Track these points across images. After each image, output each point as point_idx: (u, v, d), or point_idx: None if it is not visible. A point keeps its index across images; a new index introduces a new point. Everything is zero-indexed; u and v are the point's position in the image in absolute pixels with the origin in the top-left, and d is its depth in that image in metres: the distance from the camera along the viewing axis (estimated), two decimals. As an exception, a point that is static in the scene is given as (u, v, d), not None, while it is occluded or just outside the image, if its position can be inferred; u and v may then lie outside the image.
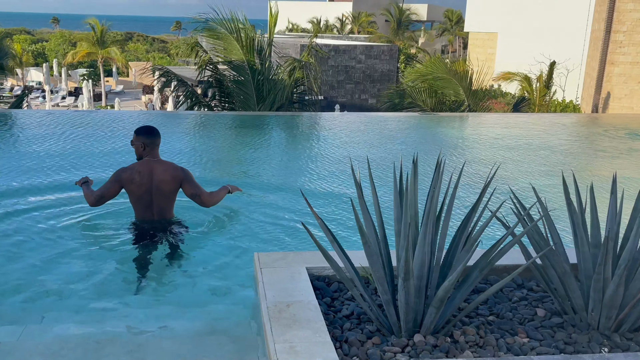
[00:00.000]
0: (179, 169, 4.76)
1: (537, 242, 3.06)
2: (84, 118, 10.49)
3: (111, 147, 8.09)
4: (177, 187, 4.75)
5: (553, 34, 26.02)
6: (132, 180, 4.63)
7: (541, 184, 6.78)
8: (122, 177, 4.67)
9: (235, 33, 13.00)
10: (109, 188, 4.68)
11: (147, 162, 4.69)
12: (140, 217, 4.79)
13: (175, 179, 4.70)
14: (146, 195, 4.68)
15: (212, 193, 4.84)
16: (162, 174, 4.67)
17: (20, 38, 59.20)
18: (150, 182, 4.65)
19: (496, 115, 13.91)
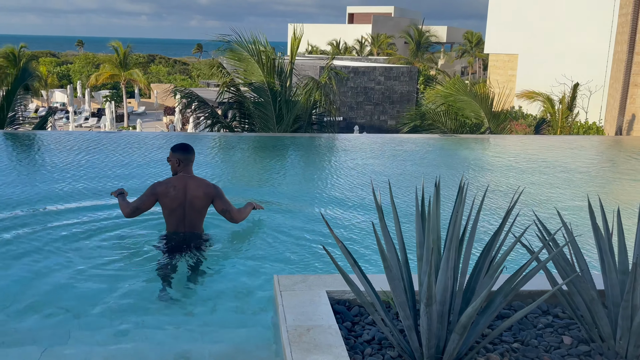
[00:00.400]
0: (211, 185, 4.99)
1: (563, 268, 2.99)
2: (106, 139, 10.62)
3: (130, 166, 8.17)
4: (208, 202, 4.94)
5: (575, 56, 25.88)
6: (167, 193, 4.84)
7: (566, 208, 6.67)
8: (158, 190, 4.88)
9: (257, 55, 13.11)
10: (145, 200, 4.90)
11: (182, 177, 4.92)
12: (172, 230, 4.94)
13: (208, 195, 4.91)
14: (179, 209, 4.87)
15: (240, 209, 5.09)
16: (195, 190, 4.87)
17: (46, 60, 60.44)
18: (184, 197, 4.85)
19: (518, 137, 13.80)
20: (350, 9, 68.54)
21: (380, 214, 2.94)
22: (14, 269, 4.50)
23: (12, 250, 4.86)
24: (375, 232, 2.86)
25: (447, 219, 2.90)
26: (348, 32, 60.70)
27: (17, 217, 5.75)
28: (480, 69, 58.90)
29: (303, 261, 4.85)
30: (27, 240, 5.11)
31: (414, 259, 2.96)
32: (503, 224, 2.91)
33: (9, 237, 5.16)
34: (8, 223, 5.56)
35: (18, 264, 4.59)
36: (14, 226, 5.46)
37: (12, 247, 4.95)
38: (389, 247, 2.92)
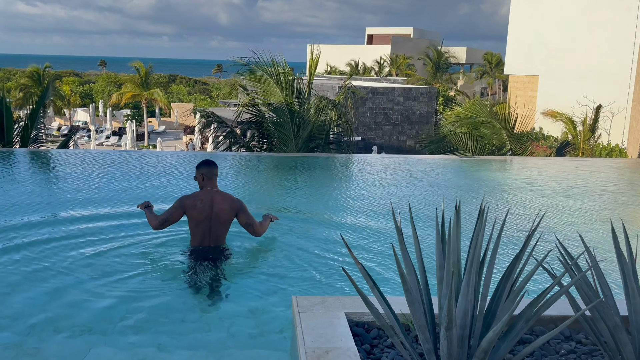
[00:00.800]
0: (236, 199, 5.22)
1: (586, 293, 2.94)
2: (127, 157, 10.74)
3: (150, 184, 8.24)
4: (233, 215, 5.16)
5: (596, 77, 25.72)
6: (194, 206, 5.04)
7: (588, 232, 6.58)
8: (186, 203, 5.08)
9: (275, 76, 13.23)
10: (173, 213, 5.09)
11: (208, 191, 5.14)
12: (197, 244, 5.13)
13: (233, 208, 5.14)
14: (206, 222, 5.06)
15: (261, 223, 5.33)
16: (221, 203, 5.09)
17: (69, 80, 61.55)
18: (211, 210, 5.05)
19: (540, 159, 13.70)
20: (370, 30, 68.95)
21: (400, 236, 2.93)
22: (36, 286, 4.54)
23: (34, 268, 4.91)
24: (395, 254, 2.84)
25: (467, 242, 2.88)
26: (367, 53, 61.01)
27: (39, 233, 5.82)
28: (500, 90, 58.73)
29: (322, 281, 4.83)
30: (48, 257, 5.16)
31: (434, 282, 2.93)
32: (524, 247, 2.87)
33: (30, 255, 5.21)
34: (31, 239, 5.62)
35: (40, 281, 4.63)
36: (37, 242, 5.52)
37: (34, 264, 5.00)
38: (409, 269, 2.90)
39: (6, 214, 6.52)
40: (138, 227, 6.00)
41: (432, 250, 2.93)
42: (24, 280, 4.63)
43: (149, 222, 5.17)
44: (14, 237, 5.70)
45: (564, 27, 27.82)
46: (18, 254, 5.22)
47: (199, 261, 4.98)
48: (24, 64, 67.05)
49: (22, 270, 4.84)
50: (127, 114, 43.98)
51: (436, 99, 31.18)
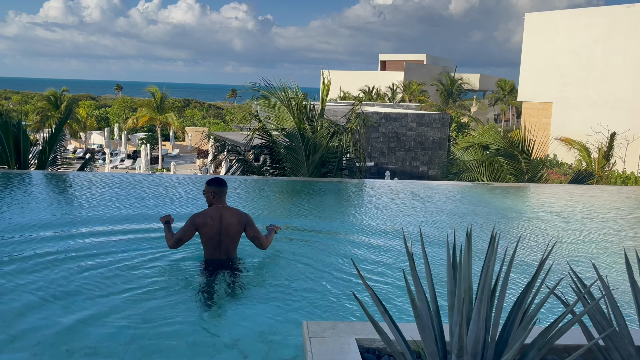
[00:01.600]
0: (243, 214, 5.52)
1: (599, 322, 2.91)
2: (142, 180, 10.83)
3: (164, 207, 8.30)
4: (241, 229, 5.46)
5: (611, 104, 25.69)
6: (205, 223, 5.36)
7: (602, 260, 6.52)
8: (197, 221, 5.39)
9: (287, 101, 13.38)
10: (186, 231, 5.38)
11: (217, 207, 5.45)
12: (209, 256, 5.46)
13: (241, 222, 5.44)
14: (216, 237, 5.38)
15: (267, 236, 5.64)
16: (230, 218, 5.40)
17: (86, 104, 62.44)
18: (220, 225, 5.38)
19: (554, 187, 13.62)
20: (383, 56, 69.48)
21: (411, 262, 2.92)
22: (48, 304, 4.56)
23: (45, 286, 4.94)
24: (406, 280, 2.83)
25: (479, 267, 2.87)
26: (380, 79, 61.40)
27: (51, 251, 5.86)
28: (514, 117, 58.72)
29: (333, 306, 4.81)
30: (60, 274, 5.19)
31: (445, 308, 2.92)
32: (536, 274, 2.86)
33: (52, 274, 5.25)
34: (44, 257, 5.67)
35: (56, 301, 4.66)
36: (48, 260, 5.56)
37: (53, 283, 5.03)
38: (420, 295, 2.89)
39: (20, 232, 6.59)
40: (152, 242, 6.27)
41: (444, 277, 2.91)
42: (35, 299, 4.66)
43: (166, 241, 5.43)
44: (27, 254, 5.75)
45: (578, 54, 27.89)
46: (29, 274, 5.26)
47: (211, 272, 5.32)
48: (41, 87, 68.20)
49: (32, 287, 4.88)
50: (141, 138, 44.43)
51: (449, 125, 31.22)
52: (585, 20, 27.81)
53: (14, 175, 10.51)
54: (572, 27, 28.24)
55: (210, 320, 4.46)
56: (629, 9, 25.81)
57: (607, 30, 26.59)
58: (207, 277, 5.26)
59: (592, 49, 27.14)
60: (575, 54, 27.83)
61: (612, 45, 26.30)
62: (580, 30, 27.84)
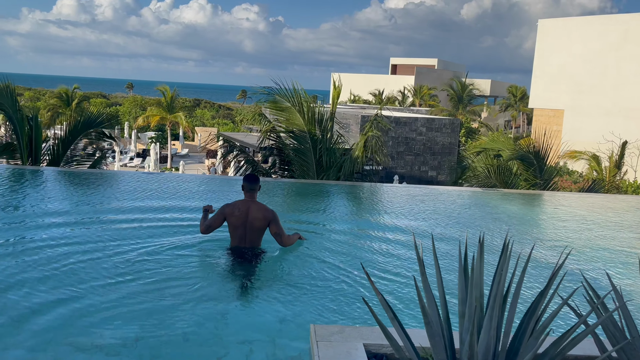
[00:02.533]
0: (270, 210, 5.92)
1: (613, 334, 2.86)
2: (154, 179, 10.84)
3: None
4: (266, 224, 5.87)
5: (624, 113, 25.50)
6: (232, 213, 5.84)
7: (616, 270, 6.44)
8: (226, 210, 5.89)
9: (297, 105, 13.33)
10: (215, 219, 5.93)
11: (246, 201, 5.93)
12: (235, 244, 5.92)
13: (266, 218, 5.85)
14: (241, 228, 5.83)
15: (289, 236, 6.02)
16: (256, 212, 5.84)
17: (97, 101, 62.66)
18: (246, 218, 5.82)
19: (565, 194, 13.51)
20: (394, 60, 69.34)
21: (421, 268, 2.89)
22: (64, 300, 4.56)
23: (74, 276, 4.94)
24: (417, 286, 2.80)
25: (490, 275, 2.82)
26: (390, 83, 61.27)
27: (68, 242, 5.86)
28: (525, 123, 58.45)
29: (341, 309, 4.77)
30: (76, 267, 5.19)
31: (456, 316, 2.88)
32: (549, 284, 2.81)
33: (59, 264, 5.25)
34: (61, 247, 5.68)
35: (76, 289, 4.66)
36: (65, 251, 5.57)
37: (73, 273, 5.04)
38: (430, 302, 2.85)
39: (37, 226, 6.61)
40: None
41: (455, 284, 2.87)
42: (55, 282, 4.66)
43: (199, 225, 6.08)
44: (39, 247, 5.76)
45: (591, 61, 27.72)
46: (44, 268, 5.26)
47: (235, 259, 5.78)
48: (53, 84, 68.55)
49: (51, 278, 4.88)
50: (151, 137, 44.54)
51: (459, 131, 31.11)
52: (599, 28, 27.64)
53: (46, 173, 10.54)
54: (585, 34, 28.07)
55: (217, 320, 4.44)
56: (643, 17, 25.64)
57: (621, 38, 26.41)
58: (232, 264, 5.73)
59: (605, 56, 26.96)
60: (588, 62, 27.66)
61: (625, 53, 26.12)
62: (594, 38, 27.66)
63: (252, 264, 5.70)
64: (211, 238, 6.26)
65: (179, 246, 6.23)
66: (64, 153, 12.40)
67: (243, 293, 5.05)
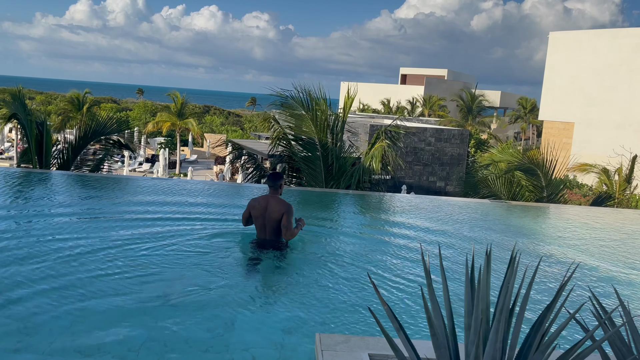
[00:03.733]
0: (286, 204, 6.50)
1: (619, 349, 2.85)
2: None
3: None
4: (281, 216, 6.41)
5: (634, 126, 25.38)
6: (254, 206, 6.59)
7: (623, 286, 6.40)
8: (250, 204, 6.65)
9: (311, 112, 13.24)
10: (244, 212, 6.74)
11: (266, 197, 6.62)
12: (258, 236, 6.65)
13: (280, 211, 6.43)
14: (260, 219, 6.54)
15: (293, 230, 6.50)
16: (273, 206, 6.47)
17: (107, 106, 63.02)
18: (265, 211, 6.50)
19: (574, 208, 13.45)
20: (404, 70, 69.39)
21: (428, 279, 2.88)
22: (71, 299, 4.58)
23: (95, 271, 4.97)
24: (424, 297, 2.79)
25: (497, 288, 2.82)
26: (400, 92, 61.29)
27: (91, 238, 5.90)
28: (534, 135, 58.27)
29: (347, 319, 4.77)
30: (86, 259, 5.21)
31: (462, 328, 2.87)
32: (556, 297, 2.80)
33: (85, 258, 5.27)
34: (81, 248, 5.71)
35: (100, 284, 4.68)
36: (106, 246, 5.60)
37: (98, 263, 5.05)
38: (437, 313, 2.84)
39: (46, 229, 6.64)
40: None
41: (462, 295, 2.87)
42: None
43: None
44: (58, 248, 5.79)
45: (602, 74, 27.64)
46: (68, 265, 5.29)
47: (256, 248, 6.51)
48: (64, 89, 69.06)
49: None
50: (160, 142, 44.73)
51: (468, 142, 31.06)
52: (611, 41, 27.58)
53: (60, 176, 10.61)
54: (597, 47, 28.01)
55: (223, 327, 4.44)
56: (655, 31, 25.58)
57: (633, 51, 26.34)
58: (253, 252, 6.47)
59: (616, 70, 26.89)
60: (599, 75, 27.59)
61: (636, 66, 26.04)
62: (605, 51, 27.60)
63: (270, 251, 6.39)
64: (225, 232, 7.23)
65: (189, 244, 6.58)
66: (74, 158, 12.47)
67: (255, 272, 5.94)
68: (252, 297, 5.10)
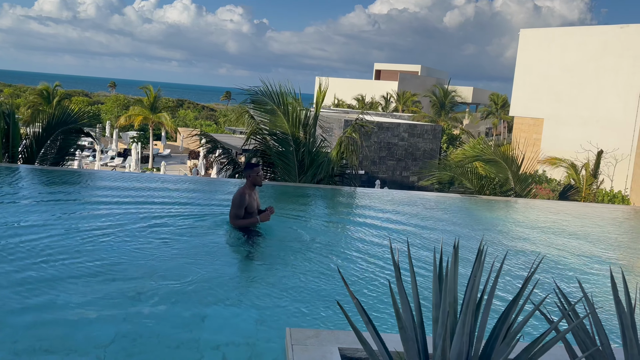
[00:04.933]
0: (236, 193, 7.02)
1: (583, 340, 2.91)
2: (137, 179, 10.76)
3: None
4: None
5: (601, 123, 25.89)
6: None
7: (587, 278, 6.54)
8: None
9: (283, 107, 13.30)
10: None
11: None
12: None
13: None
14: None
15: (237, 221, 6.97)
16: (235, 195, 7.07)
17: (79, 100, 62.05)
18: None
19: (541, 202, 13.68)
20: (378, 65, 69.60)
21: (397, 273, 2.91)
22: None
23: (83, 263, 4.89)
24: (392, 291, 2.82)
25: (465, 281, 2.86)
26: (374, 88, 61.50)
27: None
28: (505, 131, 59.04)
29: (318, 313, 4.78)
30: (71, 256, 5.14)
31: (429, 320, 2.90)
32: (522, 290, 2.85)
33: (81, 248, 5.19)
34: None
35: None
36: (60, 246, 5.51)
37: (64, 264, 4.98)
38: (405, 307, 2.87)
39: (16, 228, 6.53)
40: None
41: (430, 288, 2.90)
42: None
43: None
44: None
45: (570, 72, 28.11)
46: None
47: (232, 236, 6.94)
48: (34, 81, 67.77)
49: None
50: (133, 136, 44.22)
51: (441, 137, 31.34)
52: (579, 39, 28.04)
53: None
54: (566, 45, 28.46)
55: (193, 323, 4.42)
56: (622, 29, 26.06)
57: (600, 49, 26.82)
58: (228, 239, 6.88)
59: (585, 67, 27.36)
60: (568, 72, 28.05)
61: (604, 64, 26.53)
62: (574, 49, 28.06)
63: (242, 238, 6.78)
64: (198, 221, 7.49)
65: (161, 239, 6.47)
66: (39, 151, 12.24)
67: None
68: (223, 292, 5.07)
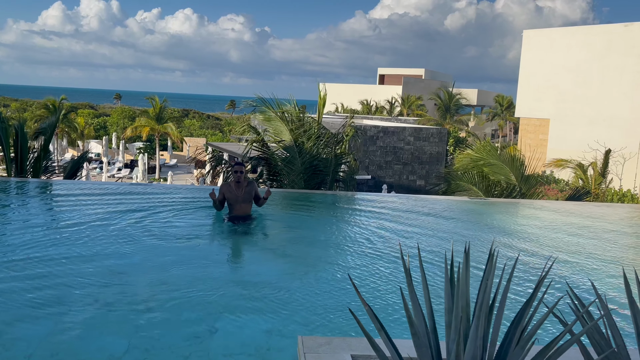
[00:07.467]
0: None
1: (598, 342, 2.88)
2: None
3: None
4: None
5: (608, 122, 25.78)
6: None
7: (601, 279, 6.48)
8: None
9: (283, 115, 13.57)
10: None
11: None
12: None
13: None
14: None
15: (216, 205, 8.17)
16: None
17: (84, 112, 62.36)
18: None
19: (550, 203, 13.61)
20: (382, 70, 69.67)
21: (408, 278, 2.89)
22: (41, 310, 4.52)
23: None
24: (403, 297, 2.80)
25: (477, 284, 2.84)
26: (378, 92, 61.54)
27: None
28: (511, 132, 58.89)
29: (329, 320, 4.76)
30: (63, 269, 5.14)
31: (443, 326, 2.88)
32: (535, 292, 2.83)
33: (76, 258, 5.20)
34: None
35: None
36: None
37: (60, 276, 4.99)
38: (417, 312, 2.85)
39: (20, 241, 6.55)
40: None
41: (442, 293, 2.88)
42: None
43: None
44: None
45: (575, 71, 28.03)
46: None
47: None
48: (40, 95, 68.20)
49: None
50: (139, 147, 44.40)
51: (447, 140, 31.28)
52: (583, 39, 27.99)
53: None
54: (570, 44, 28.41)
55: (204, 332, 4.41)
56: (626, 27, 26.00)
57: (605, 48, 26.75)
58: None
59: (589, 66, 27.29)
60: (572, 72, 27.98)
61: (609, 63, 26.45)
62: (578, 48, 28.00)
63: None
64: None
65: (169, 248, 6.48)
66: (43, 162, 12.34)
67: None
68: (233, 300, 5.06)
